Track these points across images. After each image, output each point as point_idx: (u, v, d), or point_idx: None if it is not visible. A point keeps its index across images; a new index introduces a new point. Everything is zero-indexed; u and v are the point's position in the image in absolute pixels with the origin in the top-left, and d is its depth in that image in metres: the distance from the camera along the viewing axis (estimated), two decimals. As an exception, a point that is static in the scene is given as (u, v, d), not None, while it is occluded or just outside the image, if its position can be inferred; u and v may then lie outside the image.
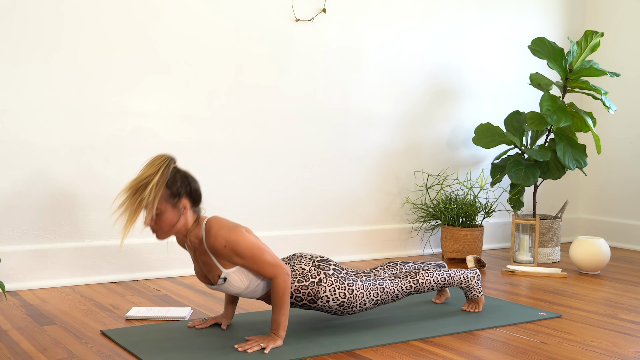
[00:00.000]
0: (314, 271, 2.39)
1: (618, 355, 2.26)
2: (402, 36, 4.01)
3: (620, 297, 3.12)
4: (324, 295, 2.38)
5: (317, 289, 2.37)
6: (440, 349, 2.28)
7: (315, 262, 2.42)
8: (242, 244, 2.20)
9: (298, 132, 3.69)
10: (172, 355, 2.13)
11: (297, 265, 2.42)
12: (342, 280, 2.41)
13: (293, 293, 2.37)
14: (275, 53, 3.58)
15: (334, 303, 2.40)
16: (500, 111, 4.39)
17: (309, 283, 2.37)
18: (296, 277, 2.37)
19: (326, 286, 2.38)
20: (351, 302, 2.42)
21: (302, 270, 2.40)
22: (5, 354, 2.14)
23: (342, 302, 2.40)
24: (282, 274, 2.21)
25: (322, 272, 2.40)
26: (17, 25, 2.95)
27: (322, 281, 2.38)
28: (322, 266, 2.41)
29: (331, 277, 2.40)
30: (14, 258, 2.99)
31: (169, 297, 2.93)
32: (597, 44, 3.82)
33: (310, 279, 2.38)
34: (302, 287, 2.37)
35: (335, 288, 2.39)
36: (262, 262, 2.20)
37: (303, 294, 2.37)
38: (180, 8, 3.31)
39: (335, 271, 2.42)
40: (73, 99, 3.09)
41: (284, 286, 2.21)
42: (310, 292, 2.37)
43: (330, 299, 2.39)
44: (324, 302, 2.38)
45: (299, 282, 2.37)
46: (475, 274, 2.75)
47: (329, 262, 2.45)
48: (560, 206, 4.61)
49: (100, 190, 3.17)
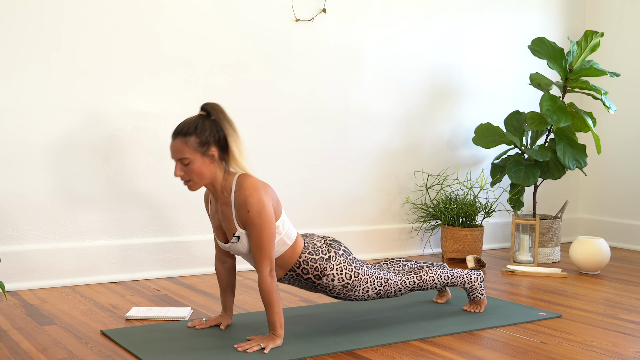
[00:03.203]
0: (324, 248, 2.42)
1: (618, 355, 2.26)
2: (402, 36, 4.01)
3: (620, 297, 3.12)
4: (330, 272, 2.40)
5: (325, 265, 2.39)
6: (440, 349, 2.28)
7: (328, 241, 2.46)
8: (258, 220, 2.19)
9: (298, 131, 3.69)
10: (172, 355, 2.13)
11: (309, 240, 2.45)
12: (349, 262, 2.43)
13: (301, 264, 2.38)
14: (275, 53, 3.58)
15: (339, 283, 2.41)
16: (500, 111, 4.39)
17: (318, 257, 2.40)
18: (308, 249, 2.40)
19: (334, 264, 2.40)
20: (355, 285, 2.43)
21: (314, 245, 2.43)
22: (5, 354, 2.14)
23: (346, 283, 2.42)
24: (265, 272, 2.20)
25: (333, 251, 2.42)
26: (17, 25, 2.95)
27: (331, 259, 2.41)
28: (333, 245, 2.44)
29: (340, 257, 2.43)
30: (14, 258, 2.99)
31: (169, 297, 2.93)
32: (597, 44, 3.82)
33: (321, 254, 2.41)
34: (311, 260, 2.39)
35: (342, 268, 2.41)
36: (260, 247, 2.20)
37: (311, 267, 2.38)
38: (180, 8, 3.31)
39: (345, 252, 2.45)
40: (73, 98, 3.09)
41: (265, 286, 2.20)
42: (318, 267, 2.39)
43: (335, 278, 2.40)
44: (329, 280, 2.40)
45: (310, 255, 2.39)
46: (478, 276, 2.75)
47: (340, 243, 2.48)
48: (560, 206, 4.61)
49: (100, 190, 3.17)
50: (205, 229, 3.44)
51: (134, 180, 3.25)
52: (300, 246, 2.38)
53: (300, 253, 2.37)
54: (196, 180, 2.23)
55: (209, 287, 3.14)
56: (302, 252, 2.38)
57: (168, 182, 3.33)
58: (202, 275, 3.38)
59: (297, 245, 2.37)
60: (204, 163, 2.22)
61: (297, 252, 2.37)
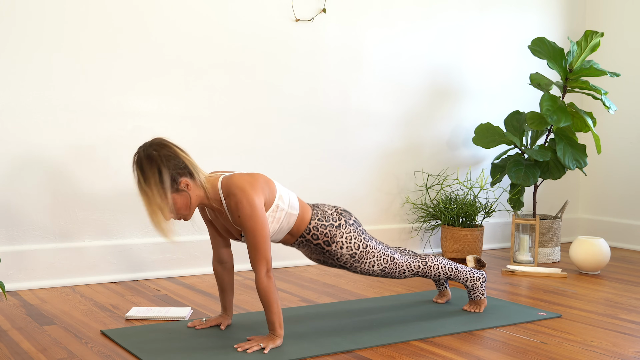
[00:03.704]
0: (335, 216, 2.46)
1: (618, 355, 2.26)
2: (402, 36, 4.01)
3: (620, 297, 3.12)
4: (340, 240, 2.43)
5: (335, 232, 2.43)
6: (440, 349, 2.28)
7: (339, 210, 2.49)
8: (251, 223, 2.18)
9: (298, 132, 3.69)
10: (172, 355, 2.13)
11: (320, 208, 2.48)
12: (359, 233, 2.47)
13: (311, 230, 2.41)
14: (275, 53, 3.58)
15: (347, 252, 2.44)
16: (500, 111, 4.39)
17: (328, 224, 2.43)
18: (317, 216, 2.43)
19: (344, 232, 2.44)
20: (362, 257, 2.46)
21: (324, 212, 2.46)
22: (5, 354, 2.14)
23: (354, 253, 2.45)
24: (262, 273, 2.19)
25: (343, 219, 2.46)
26: (18, 25, 2.95)
27: (342, 227, 2.44)
28: (344, 214, 2.48)
29: (350, 226, 2.46)
30: (14, 258, 2.99)
31: (169, 297, 2.93)
32: (597, 44, 3.82)
33: (331, 221, 2.44)
34: (321, 226, 2.42)
35: (351, 237, 2.44)
36: (255, 249, 2.19)
37: (321, 232, 2.41)
38: (180, 9, 3.31)
39: (355, 223, 2.49)
40: (73, 98, 3.09)
41: (262, 287, 2.19)
42: (328, 234, 2.42)
43: (344, 246, 2.43)
44: (338, 248, 2.43)
45: (319, 221, 2.42)
46: (481, 276, 2.75)
47: (350, 214, 2.51)
48: (560, 206, 4.61)
49: (100, 190, 3.17)
50: (205, 229, 3.44)
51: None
52: (308, 213, 2.42)
53: (309, 219, 2.41)
54: (186, 212, 2.23)
55: (209, 287, 3.14)
56: (312, 219, 2.42)
57: (168, 182, 3.33)
58: (202, 275, 3.38)
59: (304, 213, 2.40)
60: (183, 197, 2.20)
61: (306, 219, 2.41)
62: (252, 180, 2.25)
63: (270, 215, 2.30)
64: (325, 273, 3.51)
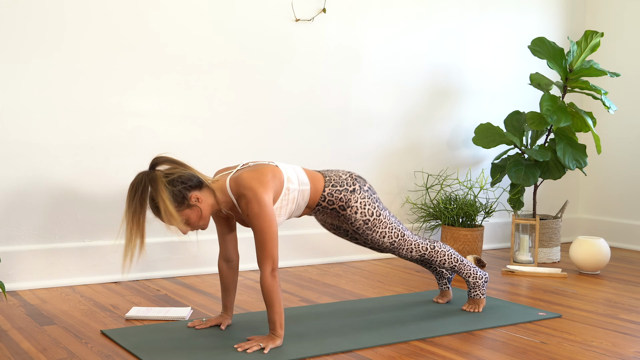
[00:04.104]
0: (350, 181, 2.47)
1: (618, 355, 2.26)
2: (402, 36, 4.01)
3: (620, 297, 3.12)
4: (354, 205, 2.45)
5: (350, 197, 2.45)
6: (440, 349, 2.28)
7: (353, 175, 2.50)
8: (258, 222, 2.19)
9: (298, 131, 3.69)
10: (172, 355, 2.13)
11: (334, 173, 2.50)
12: (373, 200, 2.49)
13: (326, 197, 2.43)
14: (275, 53, 3.58)
15: (360, 217, 2.46)
16: (500, 111, 4.39)
17: (342, 189, 2.45)
18: (331, 182, 2.44)
19: (358, 197, 2.46)
20: (375, 224, 2.48)
21: (339, 177, 2.47)
22: (5, 354, 2.14)
23: (367, 219, 2.47)
24: (267, 272, 2.19)
25: (358, 185, 2.48)
26: (18, 25, 2.95)
27: (356, 192, 2.46)
28: (358, 180, 2.50)
29: (365, 192, 2.48)
30: (14, 258, 2.99)
31: (169, 297, 2.93)
32: (597, 44, 3.82)
33: (345, 186, 2.46)
34: (335, 192, 2.44)
35: (365, 203, 2.46)
36: (262, 247, 2.19)
37: (336, 198, 2.44)
38: (181, 8, 3.31)
39: (369, 190, 2.51)
40: (73, 98, 3.09)
41: (266, 285, 2.19)
42: (343, 198, 2.44)
43: (358, 211, 2.45)
44: (352, 212, 2.45)
45: (333, 187, 2.44)
46: (484, 275, 2.76)
47: (365, 180, 2.53)
48: (560, 206, 4.61)
49: (100, 190, 3.17)
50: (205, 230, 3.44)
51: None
52: (320, 182, 2.43)
53: (323, 187, 2.43)
54: (202, 224, 2.25)
55: (209, 287, 3.14)
56: (325, 186, 2.43)
57: (168, 182, 3.33)
58: (202, 275, 3.38)
59: (316, 183, 2.42)
60: (195, 210, 2.20)
61: (319, 188, 2.42)
62: (260, 176, 2.24)
63: (283, 199, 2.31)
64: (325, 273, 3.52)
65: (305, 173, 2.43)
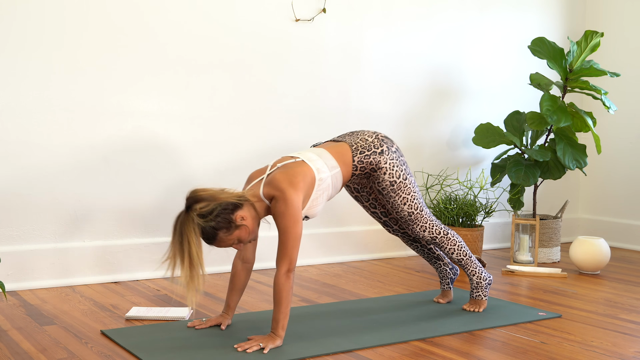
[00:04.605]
0: (376, 143, 2.49)
1: (618, 355, 2.26)
2: (402, 36, 4.01)
3: (620, 297, 3.12)
4: (383, 166, 2.48)
5: (379, 159, 2.47)
6: (440, 349, 2.28)
7: (379, 136, 2.52)
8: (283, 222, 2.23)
9: (298, 131, 3.69)
10: (172, 355, 2.13)
11: (360, 137, 2.51)
12: (401, 163, 2.52)
13: (357, 166, 2.47)
14: (275, 53, 3.58)
15: (388, 178, 2.49)
16: (500, 111, 4.39)
17: (371, 152, 2.47)
18: (358, 150, 2.47)
19: (387, 159, 2.48)
20: (400, 188, 2.51)
21: (365, 141, 2.49)
22: (5, 354, 2.14)
23: (394, 181, 2.50)
24: (282, 271, 2.21)
25: (385, 146, 2.50)
26: (17, 25, 2.95)
27: (384, 152, 2.48)
28: (385, 141, 2.51)
29: (393, 153, 2.51)
30: (14, 258, 2.99)
31: (169, 297, 2.93)
32: (597, 44, 3.82)
33: (373, 149, 2.48)
34: (364, 157, 2.46)
35: (394, 165, 2.49)
36: (284, 247, 2.22)
37: (366, 163, 2.47)
38: (181, 8, 3.31)
39: (397, 151, 2.53)
40: (73, 98, 3.09)
41: (278, 284, 2.21)
42: (372, 161, 2.47)
43: (387, 173, 2.49)
44: (382, 174, 2.48)
45: (361, 154, 2.47)
46: (488, 277, 2.77)
47: (392, 141, 2.55)
48: (560, 206, 4.61)
49: (100, 190, 3.17)
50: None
51: (133, 180, 3.25)
52: (347, 153, 2.46)
53: (352, 158, 2.45)
54: (252, 236, 2.31)
55: (209, 287, 3.14)
56: (354, 156, 2.46)
57: (167, 182, 3.33)
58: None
59: (345, 158, 2.45)
60: (244, 229, 2.24)
61: (349, 162, 2.45)
62: (291, 177, 2.28)
63: (317, 190, 2.36)
64: (325, 273, 3.52)
65: (331, 153, 2.45)
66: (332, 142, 2.54)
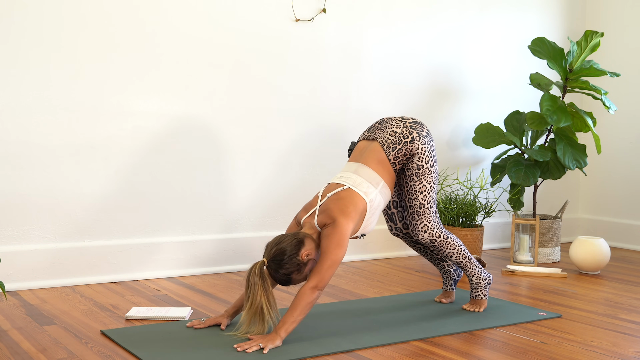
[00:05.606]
0: (405, 132, 2.51)
1: (618, 355, 2.26)
2: (402, 36, 4.01)
3: (620, 297, 3.12)
4: (417, 152, 2.50)
5: (411, 147, 2.49)
6: (440, 349, 2.28)
7: (407, 124, 2.53)
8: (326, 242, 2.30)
9: (298, 131, 3.69)
10: (172, 355, 2.13)
11: (388, 130, 2.54)
12: (432, 149, 2.55)
13: (396, 164, 2.50)
14: (275, 53, 3.58)
15: (418, 162, 2.52)
16: (500, 111, 4.39)
17: (402, 145, 2.50)
18: (389, 149, 2.50)
19: (419, 144, 2.50)
20: (424, 174, 2.53)
21: (394, 134, 2.51)
22: (5, 354, 2.14)
23: (422, 165, 2.52)
24: (310, 284, 2.25)
25: (415, 132, 2.51)
26: (16, 25, 2.95)
27: (415, 140, 2.50)
28: (414, 127, 2.53)
29: (424, 137, 2.53)
30: (14, 258, 2.99)
31: (169, 297, 2.93)
32: (597, 44, 3.82)
33: (403, 139, 2.50)
34: (397, 151, 2.49)
35: (426, 149, 2.52)
36: (320, 265, 2.27)
37: (402, 155, 2.50)
38: (180, 8, 3.31)
39: (428, 135, 2.54)
40: (73, 98, 3.09)
41: (302, 293, 2.25)
42: (406, 152, 2.50)
43: (420, 158, 2.51)
44: (416, 160, 2.51)
45: (394, 150, 2.49)
46: (488, 277, 2.77)
47: (422, 125, 2.56)
48: (560, 206, 4.61)
49: (100, 190, 3.17)
50: (206, 229, 3.44)
51: (133, 180, 3.25)
52: (381, 153, 2.49)
53: (386, 157, 2.49)
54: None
55: (209, 287, 3.14)
56: (387, 154, 2.49)
57: (167, 182, 3.33)
58: (202, 275, 3.38)
59: (382, 163, 2.49)
60: (311, 262, 2.33)
61: (387, 165, 2.49)
62: (343, 207, 2.35)
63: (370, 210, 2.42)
64: (325, 273, 3.51)
65: (369, 166, 2.48)
66: (365, 143, 2.58)
